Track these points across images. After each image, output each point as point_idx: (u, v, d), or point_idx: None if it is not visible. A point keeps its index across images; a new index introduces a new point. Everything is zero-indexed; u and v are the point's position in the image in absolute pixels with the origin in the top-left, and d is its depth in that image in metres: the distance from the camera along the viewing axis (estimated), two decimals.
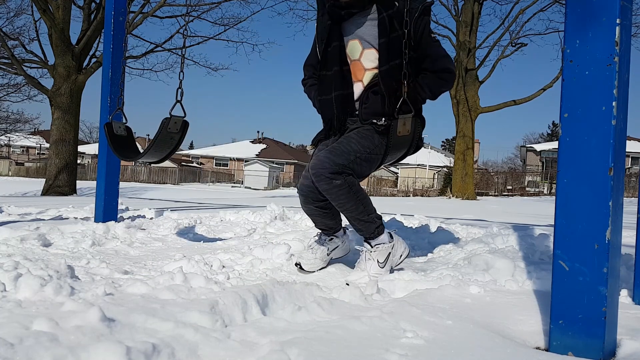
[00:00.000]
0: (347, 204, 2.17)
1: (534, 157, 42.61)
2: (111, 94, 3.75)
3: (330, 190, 2.15)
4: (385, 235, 2.26)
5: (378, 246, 2.22)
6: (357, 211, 2.20)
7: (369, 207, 2.23)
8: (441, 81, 2.26)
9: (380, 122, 2.23)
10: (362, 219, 2.22)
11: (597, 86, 1.25)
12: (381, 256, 2.21)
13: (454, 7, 17.51)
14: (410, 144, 2.24)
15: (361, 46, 2.27)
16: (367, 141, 2.23)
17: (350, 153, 2.18)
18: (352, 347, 1.18)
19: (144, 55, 15.20)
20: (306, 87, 2.58)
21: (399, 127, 2.17)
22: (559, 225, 1.29)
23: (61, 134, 12.70)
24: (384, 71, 2.20)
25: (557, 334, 1.28)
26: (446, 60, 2.26)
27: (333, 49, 2.30)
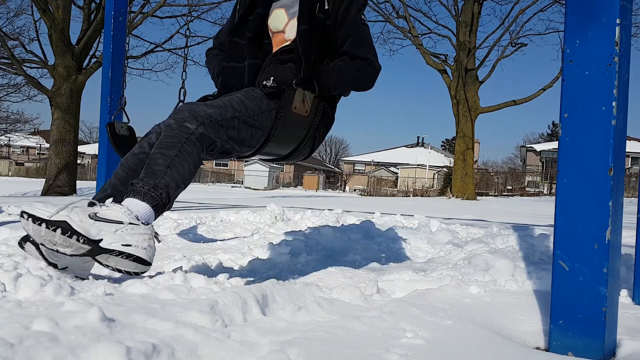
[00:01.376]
0: (167, 143, 1.58)
1: (534, 157, 42.62)
2: (111, 94, 3.75)
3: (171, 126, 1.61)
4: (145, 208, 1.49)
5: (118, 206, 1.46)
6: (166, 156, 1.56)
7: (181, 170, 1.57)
8: (356, 72, 1.91)
9: (269, 83, 1.84)
10: (159, 168, 1.54)
11: (597, 86, 1.25)
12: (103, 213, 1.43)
13: (454, 7, 17.52)
14: (305, 132, 1.87)
15: (287, 16, 1.99)
16: (252, 103, 1.80)
17: (226, 109, 1.71)
18: (352, 347, 1.18)
19: (144, 55, 15.22)
20: (209, 57, 2.24)
21: (295, 100, 1.81)
22: (559, 225, 1.29)
23: (61, 134, 12.70)
24: (303, 31, 1.87)
25: (557, 334, 1.28)
26: (369, 49, 1.94)
27: (255, 17, 2.01)
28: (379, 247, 3.13)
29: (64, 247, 1.38)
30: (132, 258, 1.40)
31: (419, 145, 56.00)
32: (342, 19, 1.92)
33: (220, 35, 2.25)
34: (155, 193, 1.50)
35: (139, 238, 1.42)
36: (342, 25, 1.92)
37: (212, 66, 2.19)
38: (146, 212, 1.48)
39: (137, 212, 1.46)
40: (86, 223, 1.38)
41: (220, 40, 2.24)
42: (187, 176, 1.59)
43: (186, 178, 1.59)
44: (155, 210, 1.51)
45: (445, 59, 17.95)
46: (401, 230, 3.56)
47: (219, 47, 2.24)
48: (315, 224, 4.02)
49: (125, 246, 1.39)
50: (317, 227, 3.61)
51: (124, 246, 1.39)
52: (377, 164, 50.98)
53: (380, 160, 51.92)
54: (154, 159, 1.55)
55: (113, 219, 1.40)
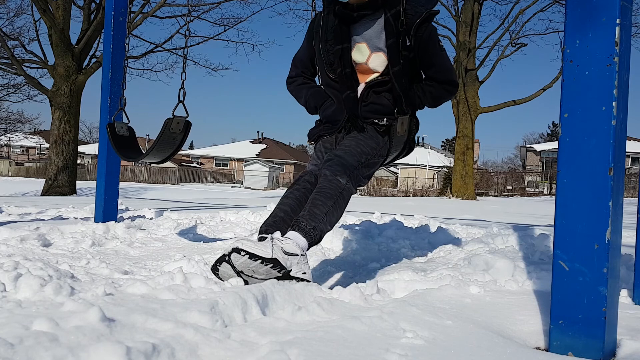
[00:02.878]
0: (326, 193, 2.00)
1: (534, 157, 42.62)
2: (111, 94, 3.75)
3: (328, 177, 2.04)
4: (304, 243, 1.88)
5: (289, 239, 1.85)
6: (325, 204, 1.97)
7: (334, 218, 2.01)
8: (445, 92, 2.27)
9: (382, 122, 2.22)
10: (319, 213, 1.95)
11: (597, 86, 1.25)
12: (288, 247, 1.81)
13: (454, 7, 17.52)
14: (405, 144, 2.26)
15: (369, 50, 2.22)
16: (373, 142, 2.22)
17: (361, 155, 2.16)
18: (352, 347, 1.18)
19: (144, 55, 15.23)
20: (294, 85, 2.49)
21: (398, 126, 2.19)
22: (559, 225, 1.29)
23: (61, 134, 12.70)
24: (397, 72, 2.17)
25: (557, 334, 1.28)
26: (452, 72, 2.27)
27: (344, 50, 2.24)
28: (379, 247, 3.13)
29: (261, 275, 1.76)
30: (305, 281, 1.82)
31: (419, 145, 56.00)
32: (423, 51, 2.19)
33: (299, 63, 2.48)
34: (314, 233, 1.92)
35: (307, 267, 1.87)
36: (424, 55, 2.21)
37: (302, 96, 2.44)
38: (305, 245, 1.88)
39: (302, 245, 1.86)
40: (284, 258, 1.78)
41: (301, 68, 2.48)
42: (335, 222, 2.03)
43: (334, 223, 2.02)
44: (309, 246, 1.92)
45: None
46: (401, 230, 3.55)
47: (302, 75, 2.48)
48: None
49: (303, 274, 1.84)
50: None
51: (303, 274, 1.84)
52: None
53: None
54: (315, 204, 1.98)
55: (293, 252, 1.81)
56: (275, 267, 1.75)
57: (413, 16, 2.14)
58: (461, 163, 17.19)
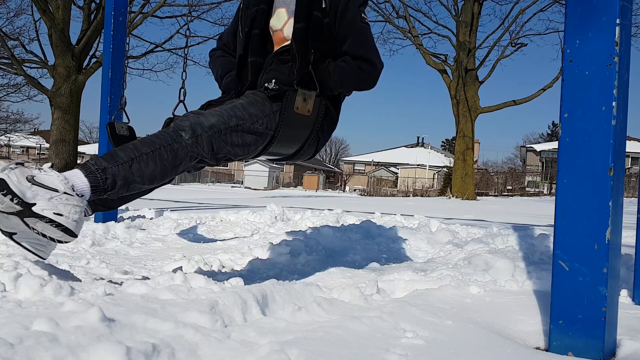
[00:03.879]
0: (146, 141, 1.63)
1: (534, 157, 42.62)
2: (111, 94, 3.75)
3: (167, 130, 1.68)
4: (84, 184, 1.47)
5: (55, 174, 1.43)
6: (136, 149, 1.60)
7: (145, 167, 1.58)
8: (359, 72, 1.90)
9: (272, 86, 1.84)
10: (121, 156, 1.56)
11: (597, 86, 1.25)
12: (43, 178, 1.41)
13: (454, 7, 17.52)
14: (309, 132, 1.86)
15: (287, 15, 1.98)
16: (256, 108, 1.81)
17: (230, 117, 1.74)
18: (352, 347, 1.18)
19: (144, 55, 15.22)
20: (212, 58, 2.25)
21: (297, 101, 1.81)
22: (559, 225, 1.29)
23: (61, 134, 12.70)
24: (299, 30, 1.87)
25: (557, 334, 1.28)
26: (370, 49, 1.92)
27: (259, 12, 2.00)
28: (379, 247, 3.13)
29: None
30: (61, 228, 1.39)
31: (419, 145, 56.01)
32: (341, 18, 1.90)
33: (224, 37, 2.25)
34: (101, 176, 1.50)
35: (71, 209, 1.41)
36: (341, 24, 1.90)
37: (215, 67, 2.19)
38: (83, 187, 1.46)
39: (74, 183, 1.44)
40: (23, 185, 1.36)
41: (224, 41, 2.24)
42: (148, 176, 1.59)
43: (147, 178, 1.59)
44: (92, 191, 1.49)
45: (445, 59, 17.96)
46: (401, 230, 3.56)
47: (222, 47, 2.24)
48: (315, 224, 4.02)
49: (57, 215, 1.38)
50: (317, 227, 3.61)
51: (56, 215, 1.37)
52: (377, 164, 50.98)
53: (380, 160, 51.91)
54: (124, 147, 1.57)
55: (49, 185, 1.39)
56: (4, 192, 1.32)
57: None
58: (461, 163, 17.18)
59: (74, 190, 1.43)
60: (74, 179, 1.45)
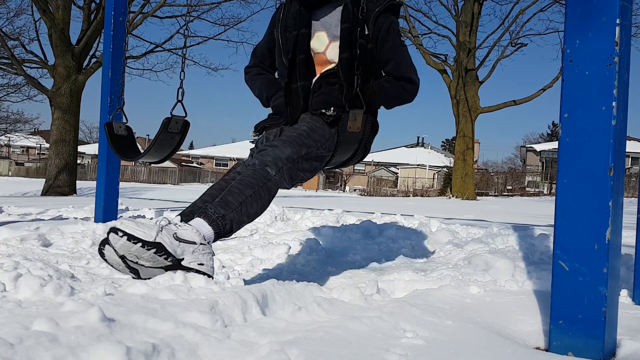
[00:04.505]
0: (247, 182, 1.81)
1: (534, 157, 42.63)
2: (111, 94, 3.75)
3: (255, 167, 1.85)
4: (210, 233, 1.70)
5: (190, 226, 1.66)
6: (242, 193, 1.78)
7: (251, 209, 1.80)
8: (402, 91, 2.09)
9: (329, 113, 2.03)
10: (232, 202, 1.75)
11: (597, 86, 1.25)
12: (183, 233, 1.63)
13: (454, 7, 17.52)
14: (358, 144, 2.03)
15: (328, 39, 2.09)
16: (318, 134, 2.01)
17: (301, 146, 1.94)
18: (352, 347, 1.18)
19: (144, 55, 15.21)
20: (249, 75, 2.34)
21: (349, 122, 1.97)
22: (559, 225, 1.29)
23: (61, 134, 12.70)
24: (345, 59, 2.02)
25: (557, 334, 1.28)
26: (411, 69, 2.10)
27: (301, 36, 2.10)
28: (379, 247, 3.13)
29: (147, 262, 1.58)
30: (203, 274, 1.63)
31: (419, 145, 56.01)
32: (382, 42, 2.06)
33: (258, 52, 2.35)
34: (222, 223, 1.72)
35: (207, 257, 1.65)
36: (383, 48, 2.06)
37: (256, 86, 2.30)
38: (209, 234, 1.69)
39: (204, 233, 1.67)
40: (174, 244, 1.59)
41: (259, 57, 2.34)
42: (253, 215, 1.82)
43: (252, 215, 1.82)
44: (215, 237, 1.72)
45: (445, 59, 17.95)
46: (401, 230, 3.55)
47: (259, 65, 2.34)
48: (315, 224, 4.02)
49: (200, 265, 1.63)
50: (317, 227, 3.61)
51: (199, 265, 1.63)
52: (377, 164, 50.97)
53: (380, 160, 51.91)
54: (231, 191, 1.78)
55: (189, 239, 1.62)
56: (161, 254, 1.55)
57: (374, 4, 2.04)
58: (461, 163, 17.18)
59: (205, 239, 1.66)
60: (202, 229, 1.68)
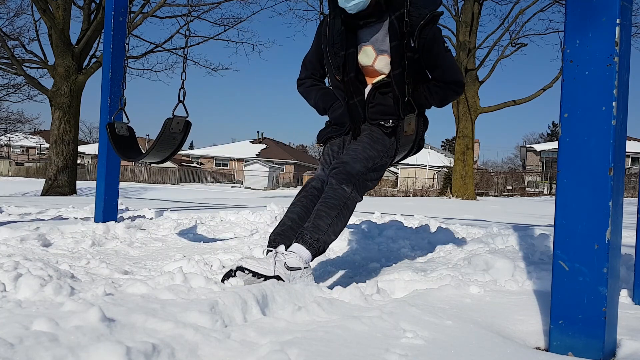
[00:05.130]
0: (330, 204, 2.05)
1: (534, 157, 42.61)
2: (111, 94, 3.75)
3: (333, 186, 2.09)
4: (308, 255, 1.95)
5: (293, 253, 1.91)
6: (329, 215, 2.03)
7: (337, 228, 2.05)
8: (451, 92, 2.28)
9: (388, 124, 2.24)
10: (323, 224, 2.01)
11: (597, 86, 1.25)
12: (291, 262, 1.89)
13: (454, 7, 17.51)
14: (413, 143, 2.23)
15: (375, 52, 2.26)
16: (380, 145, 2.23)
17: (368, 160, 2.17)
18: (352, 347, 1.18)
19: (144, 55, 15.21)
20: (304, 87, 2.51)
21: (405, 126, 2.19)
22: (559, 225, 1.29)
23: (61, 134, 12.70)
24: (397, 74, 2.20)
25: (557, 334, 1.28)
26: (458, 72, 2.29)
27: (349, 55, 2.27)
28: (379, 247, 3.13)
29: None
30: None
31: None
32: (428, 52, 2.20)
33: (309, 65, 2.50)
34: (317, 245, 1.97)
35: (310, 279, 1.91)
36: (429, 57, 2.22)
37: (312, 97, 2.46)
38: (308, 257, 1.94)
39: (305, 258, 1.92)
40: (287, 274, 1.84)
41: (310, 70, 2.50)
42: (339, 232, 2.07)
43: (338, 233, 2.07)
44: (312, 258, 1.96)
45: None
46: (401, 230, 3.55)
47: (311, 77, 2.50)
48: None
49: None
50: None
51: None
52: None
53: None
54: (320, 215, 2.02)
55: (296, 267, 1.87)
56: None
57: (417, 18, 2.17)
58: (461, 163, 17.18)
59: (306, 263, 1.92)
60: (302, 253, 1.93)
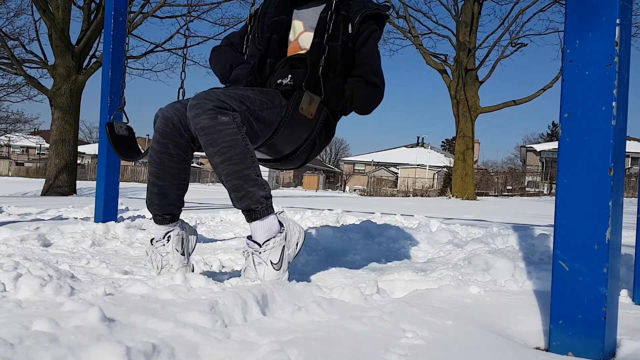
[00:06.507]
0: (232, 149, 1.69)
1: (534, 157, 42.64)
2: (111, 94, 3.75)
3: (213, 127, 1.68)
4: (273, 219, 1.75)
5: (268, 243, 1.72)
6: (245, 164, 1.71)
7: (258, 165, 1.77)
8: (367, 94, 2.10)
9: (286, 81, 2.00)
10: (251, 177, 1.72)
11: (597, 86, 1.25)
12: (274, 255, 1.72)
13: (454, 7, 17.53)
14: (307, 134, 1.97)
15: (303, 27, 2.14)
16: (266, 97, 1.91)
17: (243, 99, 1.80)
18: (352, 347, 1.19)
19: (144, 55, 15.22)
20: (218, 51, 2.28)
21: (303, 101, 1.90)
22: (559, 225, 1.29)
23: (61, 134, 12.70)
24: (316, 43, 2.03)
25: (557, 334, 1.28)
26: (382, 79, 2.14)
27: (280, 21, 2.16)
28: (379, 247, 3.13)
29: None
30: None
31: (419, 145, 56.01)
32: (360, 46, 2.10)
33: (232, 37, 2.35)
34: (269, 202, 1.77)
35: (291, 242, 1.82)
36: (360, 51, 2.10)
37: (222, 58, 2.21)
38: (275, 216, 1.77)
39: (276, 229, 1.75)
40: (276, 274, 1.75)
41: (232, 41, 2.33)
42: (257, 163, 1.80)
43: (258, 165, 1.80)
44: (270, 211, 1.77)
45: (445, 59, 17.95)
46: (401, 230, 3.55)
47: (229, 45, 2.31)
48: (315, 224, 4.02)
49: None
50: (317, 227, 3.61)
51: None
52: (377, 164, 50.97)
53: (380, 160, 51.90)
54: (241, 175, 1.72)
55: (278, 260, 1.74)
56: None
57: (360, 9, 2.09)
58: (461, 163, 17.18)
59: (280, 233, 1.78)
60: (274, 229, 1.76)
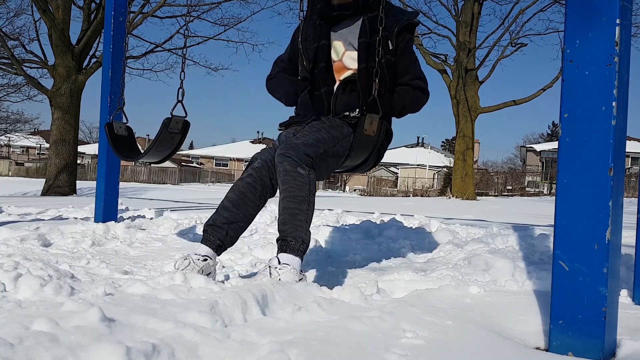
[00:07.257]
0: (297, 191, 1.95)
1: (534, 157, 42.63)
2: (111, 94, 3.75)
3: (290, 172, 1.95)
4: (299, 263, 1.91)
5: (287, 266, 1.84)
6: (300, 207, 1.94)
7: (310, 216, 1.99)
8: (417, 99, 2.31)
9: (353, 114, 2.21)
10: (299, 218, 1.93)
11: (597, 86, 1.25)
12: (288, 276, 1.82)
13: (454, 7, 17.50)
14: (372, 148, 2.15)
15: (344, 47, 2.29)
16: (337, 131, 2.16)
17: (319, 143, 2.07)
18: (352, 347, 1.19)
19: (144, 55, 15.21)
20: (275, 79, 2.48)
21: (366, 124, 2.08)
22: (559, 225, 1.29)
23: (61, 134, 12.70)
24: (362, 69, 2.21)
25: (557, 334, 1.28)
26: (425, 82, 2.32)
27: (322, 47, 2.30)
28: (379, 247, 3.13)
29: None
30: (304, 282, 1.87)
31: (419, 145, 55.97)
32: (400, 56, 2.27)
33: (280, 63, 2.51)
34: (303, 247, 1.92)
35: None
36: (401, 61, 2.27)
37: (282, 84, 2.45)
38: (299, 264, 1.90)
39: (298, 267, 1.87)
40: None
41: (281, 66, 2.50)
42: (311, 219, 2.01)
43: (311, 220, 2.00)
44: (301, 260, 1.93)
45: (445, 59, 17.94)
46: (401, 230, 3.55)
47: (282, 72, 2.48)
48: (315, 224, 4.01)
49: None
50: (317, 227, 3.61)
51: None
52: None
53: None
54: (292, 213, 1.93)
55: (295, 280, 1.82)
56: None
57: (394, 22, 2.21)
58: (461, 163, 17.17)
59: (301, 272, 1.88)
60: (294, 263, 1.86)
